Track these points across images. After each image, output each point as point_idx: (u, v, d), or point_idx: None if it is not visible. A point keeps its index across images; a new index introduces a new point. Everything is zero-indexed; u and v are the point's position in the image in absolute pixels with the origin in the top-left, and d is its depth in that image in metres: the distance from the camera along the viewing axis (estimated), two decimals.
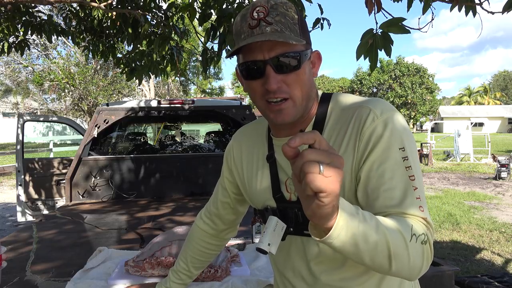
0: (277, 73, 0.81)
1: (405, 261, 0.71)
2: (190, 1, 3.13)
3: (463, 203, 7.31)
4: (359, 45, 1.81)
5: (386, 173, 0.79)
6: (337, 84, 46.72)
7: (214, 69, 28.48)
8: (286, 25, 0.81)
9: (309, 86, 0.86)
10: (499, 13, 1.92)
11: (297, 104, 0.84)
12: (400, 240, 0.70)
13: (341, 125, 0.87)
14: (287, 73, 0.82)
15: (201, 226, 1.22)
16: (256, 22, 0.81)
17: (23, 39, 3.91)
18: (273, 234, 0.85)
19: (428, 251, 0.75)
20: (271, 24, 0.80)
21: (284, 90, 0.83)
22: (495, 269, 4.04)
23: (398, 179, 0.79)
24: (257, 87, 0.84)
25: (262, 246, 0.83)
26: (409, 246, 0.71)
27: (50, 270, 1.91)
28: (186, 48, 5.21)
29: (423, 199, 0.79)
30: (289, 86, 0.83)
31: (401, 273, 0.73)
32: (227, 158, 1.12)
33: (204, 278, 1.63)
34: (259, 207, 1.00)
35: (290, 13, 0.82)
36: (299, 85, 0.83)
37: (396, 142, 0.81)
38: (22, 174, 4.44)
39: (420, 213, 0.77)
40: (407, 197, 0.78)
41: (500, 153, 15.47)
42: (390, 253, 0.69)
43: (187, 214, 3.25)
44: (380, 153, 0.81)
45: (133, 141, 4.80)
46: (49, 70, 19.16)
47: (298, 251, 0.94)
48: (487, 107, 51.21)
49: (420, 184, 0.80)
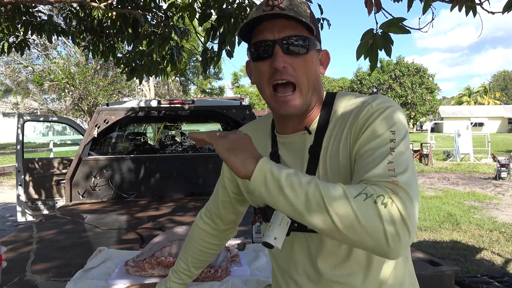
0: (284, 54, 0.84)
1: (351, 219, 0.68)
2: (190, 1, 3.13)
3: (463, 203, 7.31)
4: (359, 45, 1.81)
5: (370, 151, 0.79)
6: (337, 84, 46.73)
7: (214, 69, 28.50)
8: (299, 14, 0.84)
9: (315, 77, 0.88)
10: (499, 13, 1.92)
11: (303, 93, 0.86)
12: (339, 194, 0.69)
13: (342, 122, 0.89)
14: (295, 55, 0.84)
15: (201, 226, 1.21)
16: (269, 8, 0.84)
17: (23, 39, 3.91)
18: (279, 228, 0.85)
19: (390, 214, 0.68)
20: (284, 10, 0.83)
21: (290, 72, 0.84)
22: (495, 269, 4.04)
23: (377, 156, 0.77)
24: (265, 68, 0.86)
25: (269, 240, 0.83)
26: (353, 202, 0.68)
27: (50, 270, 1.91)
28: (186, 48, 5.21)
29: (399, 166, 0.75)
30: (295, 70, 0.85)
31: (359, 236, 0.69)
32: None
33: (204, 278, 1.63)
34: (261, 204, 1.01)
35: (303, 7, 0.87)
36: (305, 72, 0.86)
37: (388, 125, 0.81)
38: (22, 174, 4.44)
39: (389, 177, 0.73)
40: (378, 165, 0.76)
41: (500, 153, 15.47)
42: (325, 204, 0.68)
43: (187, 214, 3.25)
44: (369, 134, 0.81)
45: (133, 141, 4.80)
46: (49, 70, 19.16)
47: (301, 247, 0.94)
48: (487, 107, 51.21)
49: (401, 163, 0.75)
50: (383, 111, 0.83)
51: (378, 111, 0.83)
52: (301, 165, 0.92)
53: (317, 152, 0.89)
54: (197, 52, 12.40)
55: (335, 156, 0.87)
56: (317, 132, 0.91)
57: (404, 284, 0.92)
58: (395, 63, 39.78)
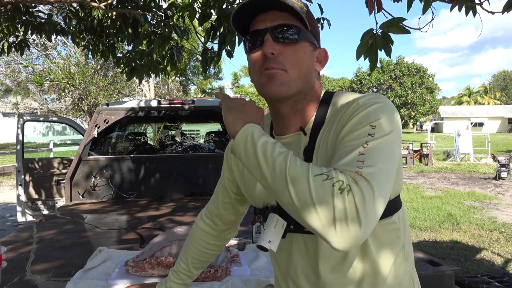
0: (274, 42, 0.85)
1: (305, 194, 0.67)
2: (190, 1, 3.13)
3: (463, 203, 7.31)
4: (359, 45, 1.81)
5: (346, 142, 0.78)
6: (337, 84, 46.72)
7: (214, 69, 28.49)
8: (294, 3, 0.85)
9: (306, 68, 0.88)
10: (499, 13, 1.92)
11: (290, 78, 0.85)
12: (301, 169, 0.70)
13: (333, 120, 0.88)
14: (284, 43, 0.85)
15: (201, 227, 1.21)
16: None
17: (23, 39, 3.91)
18: (274, 231, 0.85)
19: (344, 200, 0.66)
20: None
21: (280, 60, 0.85)
22: (495, 269, 4.04)
23: (352, 145, 0.76)
24: (257, 58, 0.88)
25: (262, 243, 0.83)
26: (311, 179, 0.68)
27: (50, 270, 1.91)
28: (186, 48, 5.21)
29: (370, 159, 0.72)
30: (285, 57, 0.85)
31: (309, 215, 0.68)
32: (227, 157, 1.12)
33: (204, 278, 1.63)
34: (260, 206, 1.00)
35: (299, 3, 0.87)
36: (295, 61, 0.86)
37: (369, 119, 0.78)
38: (22, 174, 4.44)
39: (354, 167, 0.71)
40: (348, 154, 0.74)
41: (500, 153, 15.46)
42: (286, 176, 0.70)
43: (187, 214, 3.25)
44: (347, 128, 0.80)
45: (133, 141, 4.80)
46: (49, 70, 19.15)
47: (300, 249, 0.94)
48: (487, 107, 51.21)
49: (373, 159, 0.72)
50: (369, 106, 0.81)
51: (364, 106, 0.81)
52: None
53: (311, 152, 0.89)
54: (197, 52, 12.39)
55: (324, 155, 0.86)
56: (312, 133, 0.90)
57: (403, 286, 0.92)
58: (395, 63, 39.77)
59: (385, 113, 0.80)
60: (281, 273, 1.02)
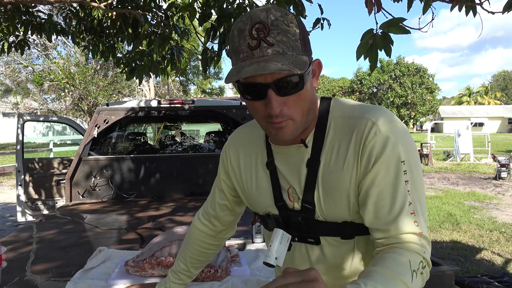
0: (279, 96, 0.78)
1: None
2: (190, 1, 3.13)
3: (463, 203, 7.30)
4: (359, 45, 1.81)
5: (385, 189, 0.82)
6: (337, 84, 46.67)
7: (214, 69, 28.46)
8: (288, 44, 0.76)
9: (310, 102, 0.85)
10: (499, 13, 1.92)
11: (297, 124, 0.83)
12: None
13: (342, 136, 0.87)
14: (289, 95, 0.79)
15: (199, 227, 1.21)
16: (256, 43, 0.76)
17: (23, 38, 3.91)
18: (280, 246, 0.86)
19: (427, 272, 0.79)
20: (272, 46, 0.75)
21: (286, 113, 0.80)
22: (495, 269, 4.03)
23: (395, 194, 0.81)
24: (259, 108, 0.82)
25: (269, 260, 0.84)
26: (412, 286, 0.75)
27: (50, 270, 1.91)
28: (186, 48, 5.21)
29: (419, 211, 0.82)
30: (290, 108, 0.81)
31: None
32: (224, 162, 1.09)
33: (204, 278, 1.63)
34: (261, 213, 1.00)
35: (292, 29, 0.77)
36: (300, 105, 0.82)
37: (398, 156, 0.82)
38: (22, 174, 4.44)
39: (414, 228, 0.80)
40: (402, 212, 0.80)
41: (500, 153, 15.46)
42: None
43: (187, 214, 3.25)
44: (381, 169, 0.82)
45: (133, 141, 4.79)
46: (49, 70, 19.15)
47: (302, 257, 0.95)
48: (487, 107, 51.20)
49: (418, 197, 0.82)
50: (390, 135, 0.82)
51: (385, 138, 0.82)
52: (298, 178, 0.91)
53: (315, 167, 0.88)
54: (197, 52, 12.38)
55: (336, 174, 0.86)
56: (314, 145, 0.89)
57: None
58: (395, 63, 39.76)
59: (403, 135, 0.84)
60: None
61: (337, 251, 0.91)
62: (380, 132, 0.82)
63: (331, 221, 0.89)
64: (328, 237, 0.91)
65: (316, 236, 0.91)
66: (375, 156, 0.82)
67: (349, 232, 0.89)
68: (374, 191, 0.82)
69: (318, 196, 0.88)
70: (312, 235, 0.92)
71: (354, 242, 0.90)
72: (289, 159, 0.92)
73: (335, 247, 0.91)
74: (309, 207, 0.89)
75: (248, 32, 0.76)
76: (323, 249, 0.91)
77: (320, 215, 0.89)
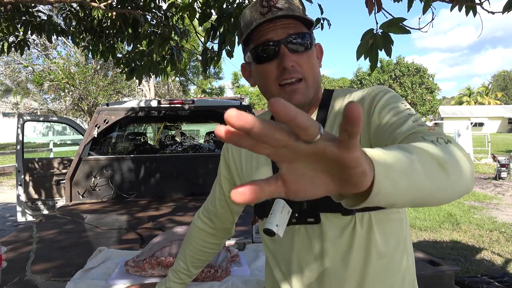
0: (291, 53, 0.85)
1: (454, 161, 0.58)
2: (190, 1, 3.13)
3: (463, 203, 7.31)
4: (359, 46, 1.81)
5: (393, 111, 0.81)
6: (337, 84, 46.71)
7: (214, 69, 28.48)
8: (296, 11, 0.86)
9: (317, 71, 0.91)
10: (499, 13, 1.92)
11: (309, 86, 0.88)
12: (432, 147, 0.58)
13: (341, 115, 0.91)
14: (300, 53, 0.86)
15: (199, 225, 1.22)
16: (267, 9, 0.85)
17: (23, 38, 3.91)
18: (281, 216, 0.85)
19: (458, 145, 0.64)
20: (281, 10, 0.85)
21: (298, 70, 0.86)
22: (495, 269, 4.04)
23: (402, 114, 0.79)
24: (271, 69, 0.87)
25: (270, 226, 0.82)
26: (444, 146, 0.61)
27: (50, 270, 1.91)
28: (186, 48, 5.21)
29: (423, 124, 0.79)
30: (302, 66, 0.86)
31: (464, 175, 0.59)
32: (225, 154, 1.11)
33: (204, 278, 1.63)
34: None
35: (296, 3, 0.89)
36: (310, 67, 0.88)
37: (398, 100, 0.85)
38: (22, 174, 4.44)
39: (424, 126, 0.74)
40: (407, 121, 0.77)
41: (500, 153, 15.46)
42: (439, 161, 0.55)
43: (187, 214, 3.25)
44: (385, 101, 0.84)
45: (133, 141, 4.80)
46: (49, 70, 19.15)
47: (302, 241, 0.93)
48: (487, 107, 51.20)
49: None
50: (387, 91, 0.87)
51: (382, 92, 0.87)
52: None
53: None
54: (197, 52, 12.40)
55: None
56: (317, 120, 0.92)
57: (405, 276, 0.92)
58: (395, 63, 39.78)
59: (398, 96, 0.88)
60: (278, 267, 0.99)
61: (337, 230, 0.89)
62: (379, 88, 0.88)
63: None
64: (328, 214, 0.89)
65: (316, 213, 0.90)
66: (378, 97, 0.85)
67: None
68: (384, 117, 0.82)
69: None
70: (312, 213, 0.91)
71: (355, 219, 0.88)
72: None
73: (336, 224, 0.89)
74: None
75: (259, 3, 0.87)
76: (323, 228, 0.89)
77: None
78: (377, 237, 0.88)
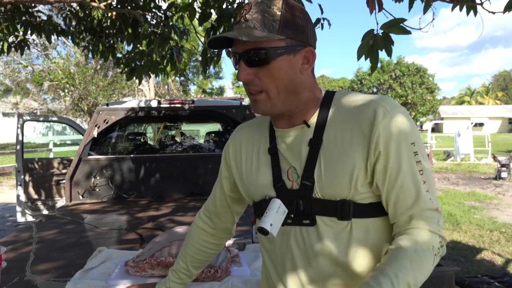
0: (248, 66, 0.87)
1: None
2: (190, 1, 3.13)
3: (463, 203, 7.30)
4: (360, 46, 1.81)
5: (400, 173, 0.86)
6: (337, 84, 46.72)
7: (214, 69, 28.46)
8: (262, 22, 0.85)
9: (288, 80, 0.88)
10: (500, 13, 1.92)
11: (271, 98, 0.89)
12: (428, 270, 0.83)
13: (346, 115, 0.90)
14: (257, 67, 0.87)
15: (199, 225, 1.22)
16: (239, 19, 0.88)
17: (23, 39, 3.91)
18: (276, 215, 0.85)
19: (444, 249, 0.87)
20: (246, 21, 0.86)
21: (256, 83, 0.88)
22: (496, 269, 4.03)
23: (411, 176, 0.86)
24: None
25: (264, 225, 0.82)
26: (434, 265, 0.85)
27: (50, 270, 1.91)
28: (186, 48, 5.21)
29: (431, 189, 0.87)
30: (261, 79, 0.88)
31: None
32: (225, 154, 1.12)
33: (204, 278, 1.62)
34: (257, 199, 1.00)
35: (272, 10, 0.86)
36: (272, 80, 0.87)
37: (408, 137, 0.87)
38: (22, 174, 4.44)
39: (431, 205, 0.86)
40: (420, 193, 0.86)
41: (501, 153, 15.45)
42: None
43: (187, 214, 3.25)
44: (394, 151, 0.86)
45: (133, 141, 4.79)
46: (49, 70, 19.14)
47: (297, 243, 0.93)
48: (487, 107, 51.20)
49: (428, 175, 0.88)
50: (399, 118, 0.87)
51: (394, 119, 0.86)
52: (299, 157, 0.92)
53: (318, 145, 0.90)
54: (197, 52, 12.40)
55: (341, 149, 0.88)
56: (317, 126, 0.92)
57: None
58: (395, 63, 39.79)
59: (410, 119, 0.89)
60: (274, 268, 1.00)
61: (333, 233, 0.89)
62: (389, 113, 0.87)
63: (329, 198, 0.89)
64: (324, 217, 0.89)
65: (312, 215, 0.90)
66: (387, 137, 0.86)
67: (347, 211, 0.88)
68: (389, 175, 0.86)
69: (319, 171, 0.89)
70: (308, 215, 0.91)
71: (351, 225, 0.88)
72: (291, 141, 0.95)
73: (331, 228, 0.89)
74: (308, 184, 0.90)
75: (241, 11, 0.90)
76: (318, 230, 0.89)
77: (318, 191, 0.89)
78: (374, 242, 0.89)
